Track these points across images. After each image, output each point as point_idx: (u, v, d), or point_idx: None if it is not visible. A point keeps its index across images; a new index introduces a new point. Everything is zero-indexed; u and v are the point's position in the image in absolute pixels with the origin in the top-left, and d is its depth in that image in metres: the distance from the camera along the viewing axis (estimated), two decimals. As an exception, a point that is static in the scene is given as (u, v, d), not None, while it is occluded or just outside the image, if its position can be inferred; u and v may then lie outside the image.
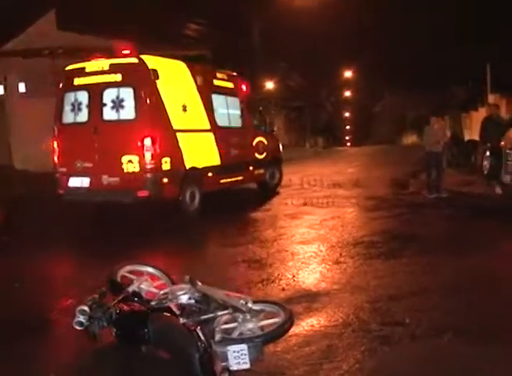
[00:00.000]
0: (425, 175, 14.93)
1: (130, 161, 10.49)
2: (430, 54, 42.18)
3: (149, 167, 10.49)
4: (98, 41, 26.04)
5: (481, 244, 8.67)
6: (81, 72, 11.17)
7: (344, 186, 16.56)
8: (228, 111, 13.47)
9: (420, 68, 44.74)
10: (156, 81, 10.79)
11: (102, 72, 10.90)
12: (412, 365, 4.51)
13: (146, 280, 5.46)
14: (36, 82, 24.86)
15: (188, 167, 11.43)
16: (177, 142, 11.18)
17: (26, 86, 26.86)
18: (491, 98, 29.29)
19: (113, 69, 10.80)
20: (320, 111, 61.54)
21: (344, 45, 45.39)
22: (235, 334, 4.56)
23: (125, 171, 10.54)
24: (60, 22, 27.78)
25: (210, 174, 12.18)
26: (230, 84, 13.83)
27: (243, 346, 4.15)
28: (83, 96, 11.13)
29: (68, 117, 11.38)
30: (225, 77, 13.68)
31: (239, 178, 13.76)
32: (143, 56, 10.84)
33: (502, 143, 13.13)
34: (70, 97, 11.33)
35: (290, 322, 4.71)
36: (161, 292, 5.08)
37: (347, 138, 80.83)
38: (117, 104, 10.68)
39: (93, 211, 12.03)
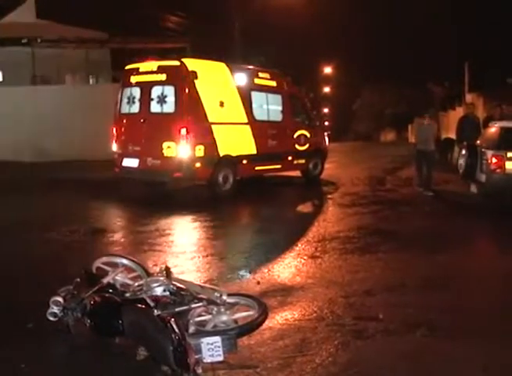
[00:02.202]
0: (416, 173, 15.02)
1: (169, 147, 12.27)
2: (408, 52, 42.45)
3: (183, 152, 12.16)
4: (76, 31, 25.84)
5: (456, 241, 8.77)
6: (137, 71, 13.23)
7: (321, 181, 16.62)
8: (267, 107, 14.86)
9: (398, 66, 45.06)
10: (195, 81, 12.40)
11: (152, 72, 12.86)
12: (386, 359, 4.55)
13: (122, 271, 5.44)
14: (14, 71, 24.61)
15: (222, 154, 12.95)
16: (212, 133, 12.71)
17: (3, 75, 26.57)
18: (468, 97, 29.53)
19: (160, 70, 12.72)
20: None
21: (324, 41, 45.53)
22: (209, 327, 4.57)
23: (165, 155, 12.34)
24: (40, 11, 27.50)
25: (245, 161, 13.70)
26: (272, 83, 15.21)
27: (217, 339, 4.16)
28: (136, 92, 13.09)
29: (124, 109, 13.40)
30: (268, 76, 15.12)
31: (277, 166, 15.23)
32: (185, 60, 12.70)
33: (478, 142, 13.25)
34: (127, 92, 13.34)
35: (264, 315, 4.73)
36: (136, 284, 5.07)
37: (325, 134, 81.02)
38: (162, 99, 12.54)
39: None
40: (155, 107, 12.69)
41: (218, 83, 13.33)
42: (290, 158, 15.59)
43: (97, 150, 18.47)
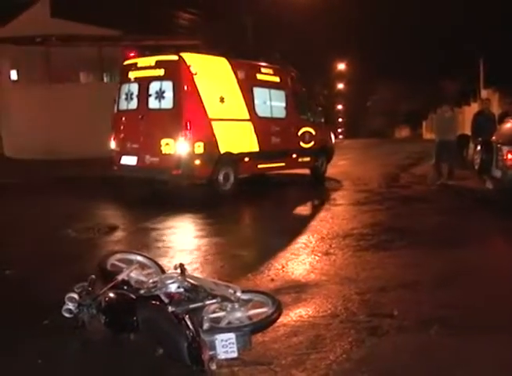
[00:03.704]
0: (435, 165, 15.02)
1: (167, 144, 12.07)
2: (422, 48, 42.21)
3: (182, 149, 11.96)
4: (90, 30, 25.93)
5: (471, 238, 8.72)
6: (134, 67, 12.98)
7: (335, 178, 16.60)
8: (270, 103, 14.66)
9: (413, 62, 44.80)
10: (194, 76, 12.19)
11: (150, 67, 12.61)
12: (400, 356, 4.53)
13: (136, 268, 5.46)
14: (28, 70, 24.74)
15: (222, 152, 12.75)
16: (212, 129, 12.52)
17: (18, 74, 26.70)
18: (483, 93, 29.35)
19: (158, 64, 12.47)
20: (318, 104, 61.48)
21: (338, 37, 45.36)
22: (223, 323, 4.58)
23: (163, 152, 12.14)
24: (54, 9, 27.62)
25: (246, 159, 13.49)
26: (276, 78, 15.02)
27: (231, 335, 4.17)
28: (134, 87, 12.87)
29: (122, 105, 13.21)
30: (271, 72, 14.90)
31: (280, 164, 14.97)
32: (183, 54, 12.32)
33: (494, 138, 13.16)
34: (125, 88, 13.14)
35: (278, 312, 4.74)
36: (150, 281, 5.08)
37: (339, 130, 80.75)
38: (160, 95, 12.31)
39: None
40: (153, 103, 12.49)
41: (218, 78, 13.12)
42: (294, 156, 15.36)
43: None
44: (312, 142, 16.02)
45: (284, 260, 7.38)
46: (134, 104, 12.87)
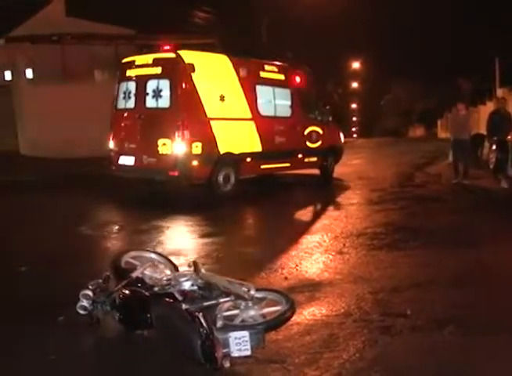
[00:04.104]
0: (453, 163, 15.00)
1: (164, 144, 11.74)
2: (438, 47, 42.01)
3: (178, 150, 11.64)
4: (105, 28, 26.06)
5: (486, 237, 8.68)
6: (132, 65, 12.70)
7: (348, 177, 16.55)
8: (274, 101, 14.28)
9: (428, 61, 44.59)
10: (192, 74, 11.87)
11: (147, 65, 12.33)
12: (413, 356, 4.52)
13: (150, 266, 5.48)
14: (44, 68, 24.88)
15: (222, 152, 12.42)
16: (210, 129, 12.18)
17: (33, 72, 26.87)
18: (499, 92, 29.15)
19: (156, 62, 12.19)
20: (327, 102, 61.40)
21: (352, 36, 45.25)
22: (237, 321, 4.59)
23: (160, 152, 11.82)
24: (69, 8, 27.79)
25: (248, 159, 13.16)
26: (280, 76, 14.61)
27: (245, 333, 4.17)
28: (132, 86, 12.58)
29: (120, 104, 12.92)
30: (275, 70, 14.51)
31: (286, 164, 14.65)
32: (181, 52, 12.02)
33: (509, 137, 13.10)
34: (123, 86, 12.86)
35: (291, 310, 4.73)
36: (164, 278, 5.10)
37: (353, 129, 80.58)
38: (157, 94, 12.00)
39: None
40: (150, 102, 12.19)
41: (218, 76, 12.78)
42: (300, 156, 14.99)
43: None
44: (320, 142, 15.68)
45: (298, 259, 7.39)
46: (132, 103, 12.59)
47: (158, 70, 12.07)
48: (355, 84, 72.27)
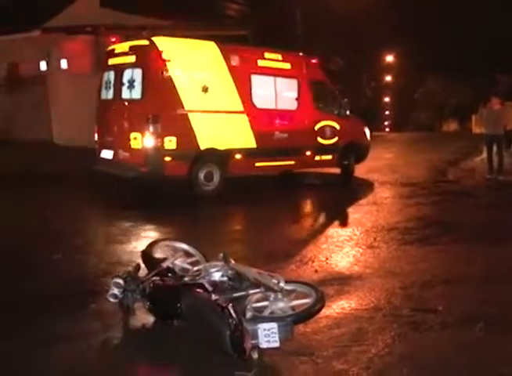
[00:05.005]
0: (487, 159, 14.83)
1: (135, 138, 10.92)
2: (473, 40, 41.40)
3: (149, 145, 10.81)
4: (139, 19, 26.16)
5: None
6: (113, 53, 11.93)
7: (380, 171, 16.41)
8: (276, 93, 13.06)
9: (463, 54, 43.98)
10: (167, 62, 10.95)
11: (124, 53, 11.53)
12: (442, 352, 4.48)
13: (181, 256, 5.52)
14: (78, 59, 25.09)
15: (203, 147, 11.46)
16: (188, 122, 11.22)
17: (68, 63, 27.12)
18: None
19: (131, 51, 11.35)
20: (359, 96, 60.97)
21: (387, 28, 44.82)
22: (266, 313, 4.60)
23: (132, 147, 11.00)
24: (103, 0, 27.96)
25: (238, 156, 12.06)
26: (285, 65, 13.37)
27: (274, 325, 4.17)
28: (111, 76, 11.87)
29: (102, 94, 12.25)
30: (279, 58, 13.26)
31: (289, 162, 13.40)
32: (156, 38, 11.11)
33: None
34: (105, 76, 12.19)
35: (321, 303, 4.72)
36: (195, 268, 5.14)
37: (386, 123, 79.90)
38: (131, 84, 11.21)
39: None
40: (125, 93, 11.38)
41: (201, 65, 11.67)
42: (308, 153, 13.66)
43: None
44: (336, 138, 14.33)
45: (328, 252, 7.38)
46: (111, 94, 11.87)
47: (133, 58, 11.29)
48: (388, 78, 71.59)
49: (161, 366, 4.29)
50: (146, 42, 11.13)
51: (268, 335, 4.14)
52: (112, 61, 11.92)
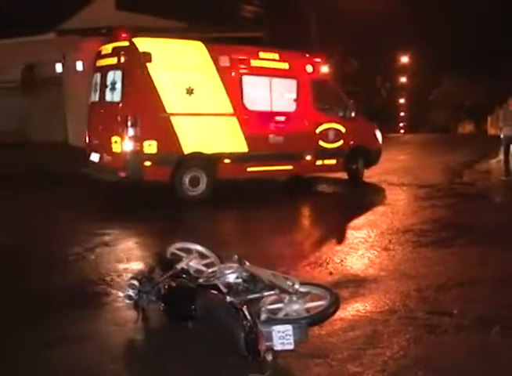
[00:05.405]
0: (503, 159, 14.74)
1: (116, 142, 10.67)
2: (490, 40, 41.14)
3: (127, 148, 10.53)
4: (155, 21, 26.26)
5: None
6: (99, 55, 11.74)
7: (395, 173, 16.34)
8: (271, 94, 12.43)
9: (479, 54, 43.72)
10: (148, 64, 10.63)
11: (108, 55, 11.33)
12: (458, 356, 4.46)
13: (195, 257, 5.53)
14: (93, 61, 25.21)
15: (187, 152, 11.08)
16: (171, 126, 10.87)
17: (83, 65, 27.27)
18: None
19: (113, 52, 11.13)
20: (374, 97, 60.76)
21: (402, 29, 44.69)
22: (280, 315, 4.60)
23: (113, 150, 10.77)
24: (119, 2, 28.10)
25: (227, 160, 11.57)
26: (282, 65, 12.70)
27: (288, 327, 4.17)
28: (98, 78, 11.70)
29: (91, 97, 12.04)
30: (275, 57, 12.61)
31: (287, 167, 12.76)
32: (136, 39, 10.79)
33: None
34: (93, 78, 12.01)
35: (335, 306, 4.71)
36: (209, 270, 5.16)
37: (401, 125, 79.62)
38: (113, 86, 11.01)
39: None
40: (108, 95, 11.19)
41: (186, 66, 11.21)
42: (308, 158, 13.00)
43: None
44: (341, 142, 13.64)
45: (343, 254, 7.37)
46: (97, 96, 11.70)
47: (115, 60, 11.04)
48: (403, 79, 71.34)
49: (175, 367, 4.30)
50: (126, 43, 10.85)
51: (282, 337, 4.14)
52: (99, 63, 11.75)
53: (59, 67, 25.38)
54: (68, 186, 12.81)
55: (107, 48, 11.39)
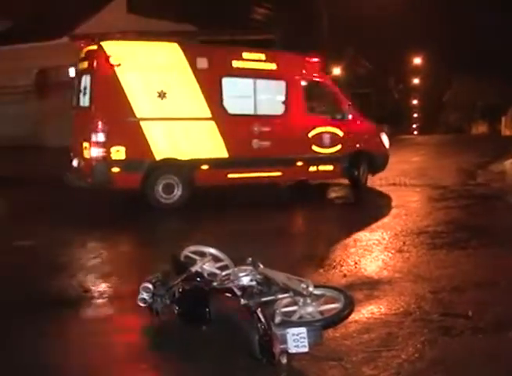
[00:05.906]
0: None
1: (86, 148, 10.48)
2: (504, 41, 40.96)
3: (93, 155, 10.29)
4: (166, 25, 26.35)
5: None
6: (79, 59, 11.37)
7: (408, 174, 16.27)
8: (255, 96, 11.85)
9: (492, 55, 43.54)
10: (116, 68, 10.29)
11: (83, 59, 11.11)
12: (473, 358, 4.43)
13: (209, 260, 5.54)
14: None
15: (159, 158, 10.71)
16: (140, 131, 10.51)
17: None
18: None
19: (86, 56, 10.96)
20: (387, 98, 60.58)
21: (414, 30, 44.60)
22: (295, 318, 4.59)
23: (84, 156, 10.62)
24: (130, 6, 28.24)
25: (205, 167, 11.11)
26: (269, 66, 12.06)
27: (303, 330, 4.16)
28: (76, 82, 11.42)
29: (72, 101, 11.71)
30: (261, 58, 12.01)
31: (274, 174, 12.11)
32: (104, 42, 10.48)
33: None
34: (74, 82, 11.63)
35: (350, 308, 4.69)
36: (223, 273, 5.15)
37: (414, 126, 79.34)
38: (85, 91, 10.83)
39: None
40: (82, 100, 11.02)
41: (158, 69, 10.76)
42: (300, 164, 12.33)
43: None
44: (338, 146, 12.88)
45: (357, 256, 7.35)
46: (74, 100, 11.49)
47: (86, 64, 10.88)
48: (416, 80, 71.13)
49: (189, 369, 4.31)
50: (94, 47, 10.58)
51: (297, 340, 4.13)
52: (78, 66, 11.41)
53: (72, 72, 25.59)
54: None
55: (83, 52, 11.15)
